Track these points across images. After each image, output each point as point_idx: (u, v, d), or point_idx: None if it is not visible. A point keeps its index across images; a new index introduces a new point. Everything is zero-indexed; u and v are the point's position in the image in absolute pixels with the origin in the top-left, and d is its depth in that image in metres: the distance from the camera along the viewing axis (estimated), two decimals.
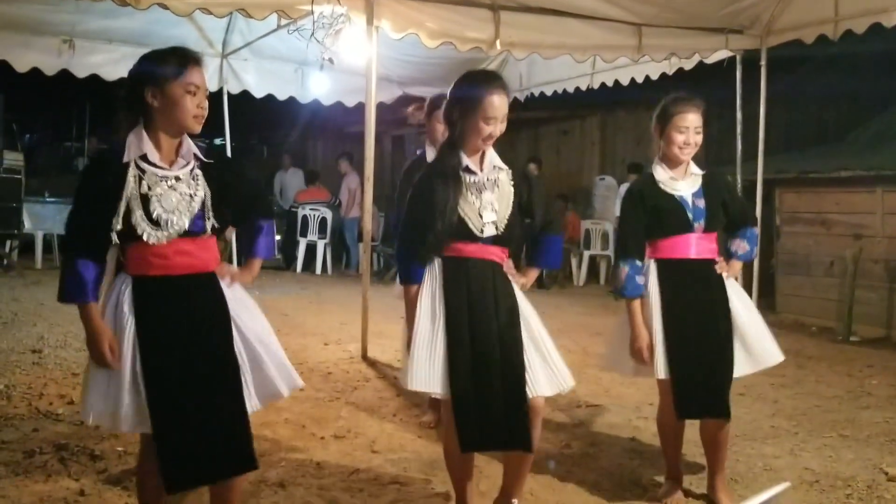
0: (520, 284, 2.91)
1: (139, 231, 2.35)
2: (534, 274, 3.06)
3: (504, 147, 2.92)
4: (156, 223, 2.36)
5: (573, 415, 4.45)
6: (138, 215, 2.35)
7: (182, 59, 2.39)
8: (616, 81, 8.23)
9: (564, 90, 8.97)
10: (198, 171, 2.46)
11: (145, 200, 2.36)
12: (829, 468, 3.64)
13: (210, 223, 2.45)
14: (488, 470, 3.34)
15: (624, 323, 3.25)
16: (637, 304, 3.17)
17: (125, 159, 2.37)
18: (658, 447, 3.52)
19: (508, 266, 2.88)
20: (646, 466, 3.64)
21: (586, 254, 10.63)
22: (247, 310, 2.56)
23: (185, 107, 2.37)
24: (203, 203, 2.44)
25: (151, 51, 2.45)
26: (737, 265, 3.32)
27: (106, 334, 2.36)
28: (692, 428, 3.34)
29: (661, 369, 3.12)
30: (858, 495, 3.32)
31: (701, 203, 3.16)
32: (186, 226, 2.40)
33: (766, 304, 7.72)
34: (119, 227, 2.33)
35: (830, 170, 7.57)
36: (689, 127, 3.11)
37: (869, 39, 6.33)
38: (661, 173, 3.20)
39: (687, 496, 3.29)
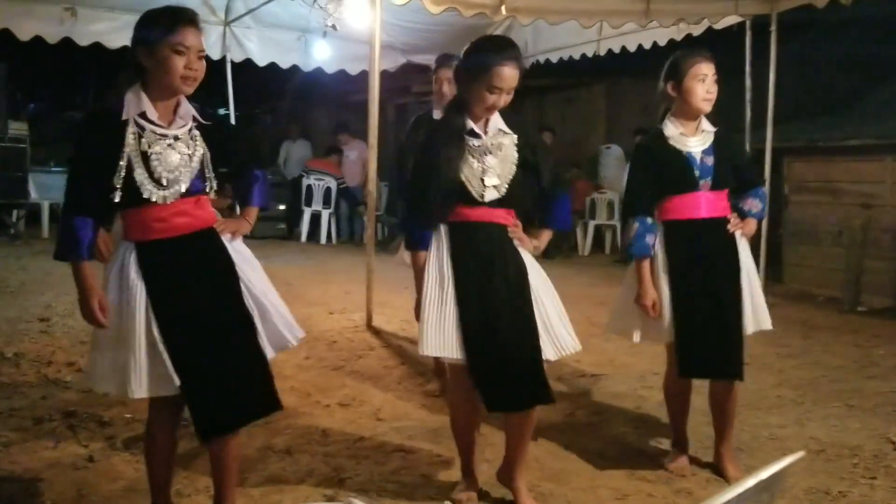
0: (532, 249, 2.89)
1: (142, 190, 2.34)
2: (546, 236, 3.00)
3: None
4: (158, 182, 2.36)
5: (577, 384, 4.46)
6: (140, 174, 2.34)
7: (172, 18, 2.35)
8: (623, 48, 8.11)
9: (570, 57, 8.86)
10: (196, 132, 2.46)
11: (146, 159, 2.35)
12: (836, 438, 3.64)
13: (209, 183, 2.47)
14: (493, 438, 3.35)
15: (629, 287, 3.22)
16: (646, 263, 3.13)
17: (124, 116, 2.35)
18: (662, 416, 3.52)
19: (518, 232, 2.85)
20: (650, 435, 3.65)
21: (591, 223, 10.58)
22: (248, 263, 2.58)
23: (172, 67, 2.33)
24: (202, 163, 2.45)
25: (147, 11, 2.43)
26: (752, 223, 3.27)
27: (96, 292, 2.36)
28: (700, 397, 3.34)
29: (668, 333, 3.11)
30: (865, 464, 3.33)
31: (710, 161, 3.11)
32: (187, 186, 2.40)
33: (773, 273, 7.69)
34: (119, 184, 2.32)
35: (840, 138, 7.49)
36: (708, 75, 3.07)
37: (881, 4, 6.21)
38: (671, 129, 3.15)
39: (692, 464, 3.30)
